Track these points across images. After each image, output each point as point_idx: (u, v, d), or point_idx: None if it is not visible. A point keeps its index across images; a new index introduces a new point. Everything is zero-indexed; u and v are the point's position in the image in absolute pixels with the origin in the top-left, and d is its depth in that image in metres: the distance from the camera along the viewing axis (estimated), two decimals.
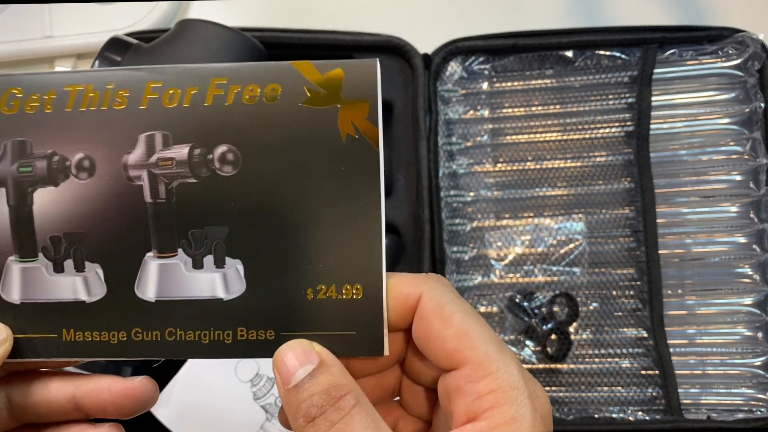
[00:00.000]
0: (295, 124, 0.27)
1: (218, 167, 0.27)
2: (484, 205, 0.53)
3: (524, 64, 0.53)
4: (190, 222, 0.27)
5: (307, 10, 0.59)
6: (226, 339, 0.27)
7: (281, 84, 0.27)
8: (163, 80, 0.27)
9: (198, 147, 0.27)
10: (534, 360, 0.51)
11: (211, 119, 0.27)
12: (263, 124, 0.27)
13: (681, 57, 0.53)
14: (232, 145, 0.27)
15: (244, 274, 0.27)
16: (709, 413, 0.50)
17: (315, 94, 0.27)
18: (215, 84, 0.27)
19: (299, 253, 0.27)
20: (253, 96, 0.27)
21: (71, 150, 0.27)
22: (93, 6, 0.55)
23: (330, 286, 0.27)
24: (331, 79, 0.27)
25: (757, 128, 0.51)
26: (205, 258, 0.28)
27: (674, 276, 0.51)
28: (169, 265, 0.27)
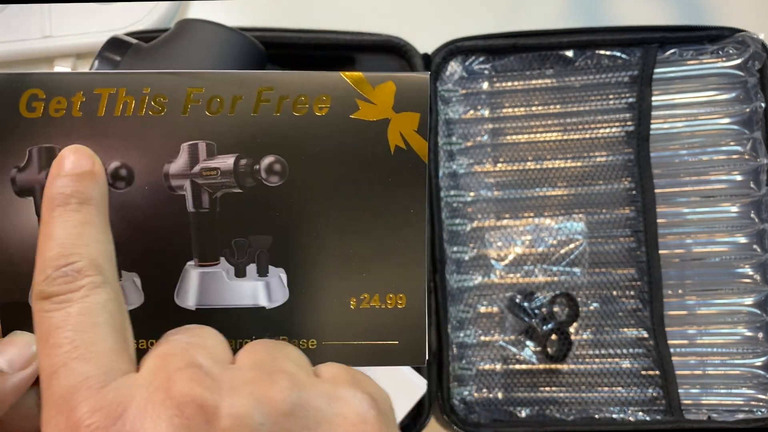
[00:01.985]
0: (344, 136, 0.26)
1: (265, 178, 0.26)
2: (484, 205, 0.53)
3: (524, 64, 0.53)
4: (234, 231, 0.27)
5: (307, 9, 0.59)
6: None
7: (332, 96, 0.26)
8: (205, 86, 0.26)
9: (244, 157, 0.26)
10: (534, 360, 0.51)
11: (257, 129, 0.26)
12: (312, 134, 0.26)
13: (681, 57, 0.53)
14: (280, 155, 0.26)
15: (287, 283, 0.27)
16: (710, 413, 0.50)
17: (366, 106, 0.26)
18: (262, 93, 0.26)
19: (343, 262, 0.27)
20: (302, 106, 0.26)
21: (105, 158, 0.26)
22: (93, 6, 0.55)
23: (373, 295, 0.27)
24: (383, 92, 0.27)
25: (758, 128, 0.51)
26: (248, 267, 0.27)
27: (675, 276, 0.51)
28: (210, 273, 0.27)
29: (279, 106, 0.26)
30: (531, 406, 0.51)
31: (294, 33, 0.51)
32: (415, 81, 0.27)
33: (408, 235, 0.27)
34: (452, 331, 0.51)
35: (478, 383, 0.51)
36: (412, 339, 0.27)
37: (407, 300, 0.27)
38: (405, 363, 0.27)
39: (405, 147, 0.27)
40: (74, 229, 0.23)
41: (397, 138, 0.27)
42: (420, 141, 0.27)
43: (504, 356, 0.51)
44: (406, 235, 0.27)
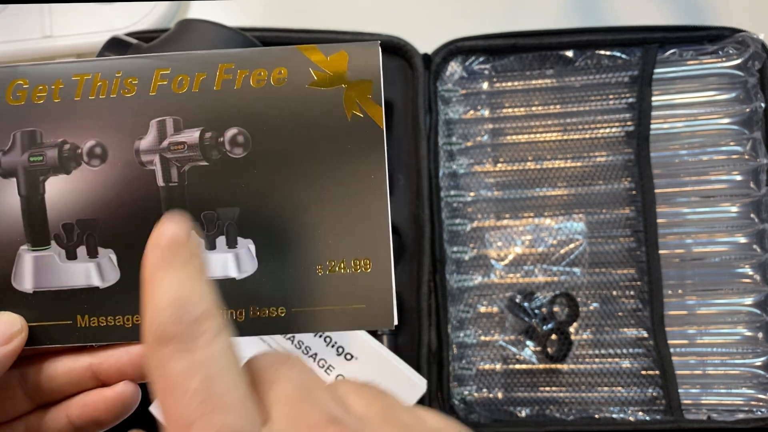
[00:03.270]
0: (302, 106, 0.27)
1: (229, 149, 0.27)
2: (484, 205, 0.53)
3: (524, 64, 0.53)
4: (202, 204, 0.28)
5: (307, 10, 0.59)
6: (238, 317, 0.28)
7: (288, 67, 0.27)
8: (171, 67, 0.27)
9: (209, 130, 0.27)
10: (534, 360, 0.51)
11: (220, 103, 0.27)
12: (271, 106, 0.27)
13: (681, 57, 0.53)
14: (242, 127, 0.27)
15: (256, 253, 0.28)
16: (710, 413, 0.50)
17: (321, 75, 0.28)
18: (224, 69, 0.27)
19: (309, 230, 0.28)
20: (260, 80, 0.27)
21: (82, 138, 0.27)
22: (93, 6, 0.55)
23: (339, 261, 0.28)
24: (336, 61, 0.28)
25: (758, 128, 0.51)
26: (218, 239, 0.28)
27: (674, 276, 0.51)
28: None
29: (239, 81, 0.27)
30: (531, 406, 0.51)
31: (294, 33, 0.51)
32: (366, 49, 0.29)
33: (370, 201, 0.28)
34: (452, 331, 0.51)
35: (478, 383, 0.51)
36: (379, 302, 0.28)
37: (372, 264, 0.28)
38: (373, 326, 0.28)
39: (362, 114, 0.28)
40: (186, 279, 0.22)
41: (354, 106, 0.28)
42: (375, 108, 0.28)
43: (504, 356, 0.51)
44: (368, 201, 0.28)
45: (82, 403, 0.28)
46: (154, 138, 0.28)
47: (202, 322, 0.21)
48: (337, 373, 0.44)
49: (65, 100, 0.27)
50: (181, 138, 0.28)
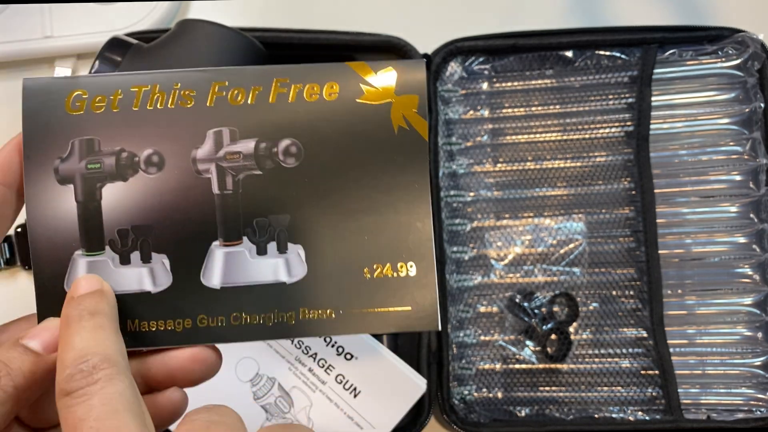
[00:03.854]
0: (352, 118, 0.29)
1: (282, 159, 0.29)
2: (484, 205, 0.53)
3: (524, 64, 0.53)
4: (255, 211, 0.29)
5: (307, 10, 0.59)
6: (289, 320, 0.29)
7: (339, 83, 0.29)
8: (228, 80, 0.29)
9: (263, 141, 0.29)
10: (534, 360, 0.51)
11: (275, 115, 0.29)
12: (323, 119, 0.29)
13: (681, 57, 0.53)
14: (295, 138, 0.29)
15: (306, 258, 0.29)
16: (709, 413, 0.50)
17: (370, 91, 0.29)
18: (278, 83, 0.29)
19: (357, 236, 0.29)
20: (313, 94, 0.29)
21: (140, 146, 0.28)
22: (93, 6, 0.55)
23: (386, 265, 0.29)
24: (385, 77, 0.30)
25: (757, 128, 0.51)
26: (269, 245, 0.29)
27: (674, 276, 0.51)
28: (234, 252, 0.29)
29: (293, 95, 0.29)
30: (531, 405, 0.51)
31: (294, 33, 0.51)
32: (413, 66, 0.30)
33: (414, 208, 0.29)
34: (452, 330, 0.51)
35: (478, 383, 0.51)
36: (424, 305, 0.29)
37: (417, 268, 0.29)
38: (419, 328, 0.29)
39: (407, 127, 0.29)
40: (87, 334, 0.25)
41: (400, 119, 0.29)
42: (420, 121, 0.29)
43: (504, 356, 0.52)
44: (412, 208, 0.29)
45: None
46: (210, 147, 0.29)
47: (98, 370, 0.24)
48: (338, 372, 0.44)
49: (123, 110, 0.28)
50: (236, 148, 0.29)
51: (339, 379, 0.44)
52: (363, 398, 0.44)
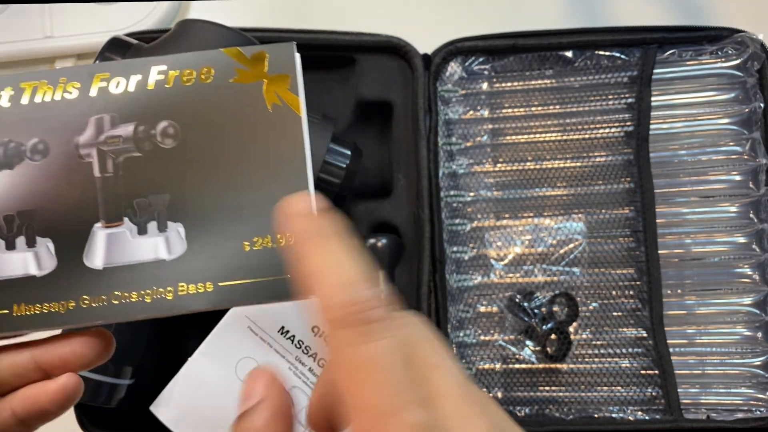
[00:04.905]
0: (227, 99, 0.30)
1: (160, 141, 0.30)
2: (484, 205, 0.53)
3: (524, 64, 0.53)
4: (136, 192, 0.30)
5: (307, 10, 0.59)
6: (167, 295, 0.29)
7: (214, 67, 0.31)
8: (109, 71, 0.30)
9: (142, 124, 0.30)
10: (534, 360, 0.51)
11: (153, 100, 0.30)
12: (199, 100, 0.30)
13: (681, 57, 0.53)
14: (173, 120, 0.30)
15: (186, 236, 0.30)
16: (709, 413, 0.50)
17: (243, 72, 0.31)
18: (156, 71, 0.31)
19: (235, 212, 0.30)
20: (189, 78, 0.30)
21: (27, 136, 0.30)
22: (93, 6, 0.55)
23: (266, 237, 0.30)
24: (257, 59, 0.31)
25: (757, 128, 0.51)
26: (150, 224, 0.30)
27: (674, 276, 0.51)
28: (115, 233, 0.30)
29: (171, 80, 0.30)
30: (530, 405, 0.51)
31: (294, 33, 0.51)
32: (283, 48, 0.31)
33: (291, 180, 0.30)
34: (452, 330, 0.51)
35: (478, 382, 0.51)
36: None
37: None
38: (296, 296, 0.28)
39: (281, 103, 0.30)
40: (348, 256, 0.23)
41: (273, 97, 0.31)
42: (293, 97, 0.31)
43: (503, 356, 0.52)
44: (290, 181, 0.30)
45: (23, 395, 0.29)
46: (92, 133, 0.30)
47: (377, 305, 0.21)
48: None
49: (14, 104, 0.30)
50: (116, 132, 0.30)
51: None
52: None
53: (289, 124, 0.30)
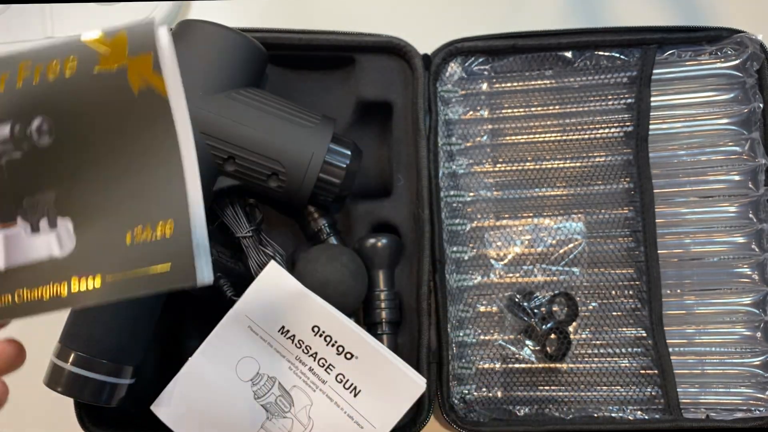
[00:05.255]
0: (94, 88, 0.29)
1: (37, 138, 0.30)
2: (483, 205, 0.53)
3: (524, 64, 0.54)
4: (24, 191, 0.30)
5: (308, 11, 0.59)
6: (61, 292, 0.29)
7: (77, 56, 0.29)
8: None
9: (16, 124, 0.30)
10: (533, 359, 0.51)
11: (25, 99, 0.30)
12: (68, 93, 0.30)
13: (680, 57, 0.53)
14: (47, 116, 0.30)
15: (74, 230, 0.30)
16: (708, 412, 0.50)
17: (105, 57, 0.29)
18: (23, 67, 0.30)
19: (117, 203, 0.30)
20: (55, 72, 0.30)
21: None
22: (94, 7, 0.55)
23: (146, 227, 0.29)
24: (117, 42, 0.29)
25: (756, 128, 0.51)
26: (42, 222, 0.30)
27: (673, 276, 0.52)
28: (10, 234, 0.31)
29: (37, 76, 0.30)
30: (530, 404, 0.51)
31: (295, 34, 0.51)
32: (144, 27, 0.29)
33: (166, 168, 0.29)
34: (452, 330, 0.51)
35: (478, 382, 0.51)
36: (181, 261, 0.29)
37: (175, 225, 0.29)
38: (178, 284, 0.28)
39: (147, 87, 0.29)
40: None
41: (139, 80, 0.29)
42: (158, 78, 0.29)
43: (503, 355, 0.52)
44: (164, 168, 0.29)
45: None
46: None
47: None
48: (338, 372, 0.44)
49: None
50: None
51: (339, 378, 0.44)
52: (363, 397, 0.44)
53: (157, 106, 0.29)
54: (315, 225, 0.51)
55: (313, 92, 0.55)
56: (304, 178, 0.46)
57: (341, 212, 0.54)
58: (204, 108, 0.45)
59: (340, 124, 0.53)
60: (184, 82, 0.47)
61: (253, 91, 0.47)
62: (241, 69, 0.47)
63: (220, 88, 0.45)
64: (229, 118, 0.45)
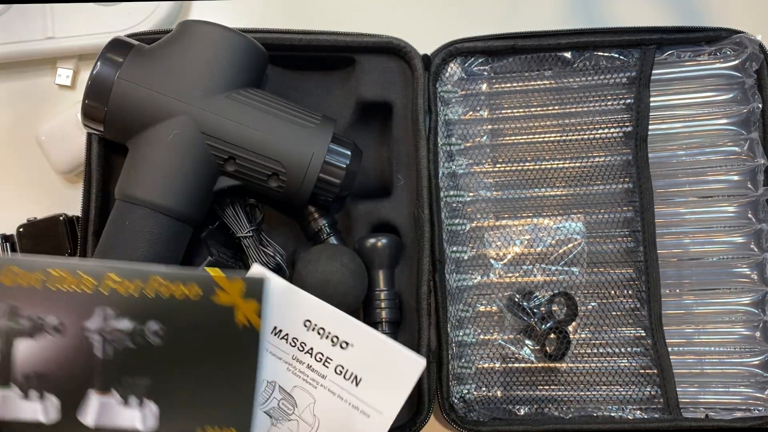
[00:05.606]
0: (207, 313, 0.39)
1: (149, 337, 0.39)
2: (483, 205, 0.53)
3: (523, 65, 0.54)
4: (125, 372, 0.39)
5: (308, 11, 0.59)
6: None
7: (201, 286, 0.39)
8: (119, 275, 0.39)
9: (137, 322, 0.39)
10: (533, 359, 0.51)
11: (150, 303, 0.39)
12: (185, 311, 0.39)
13: (679, 58, 0.53)
14: (162, 324, 0.39)
15: (159, 415, 0.39)
16: (707, 412, 0.50)
17: (222, 294, 0.39)
18: (155, 280, 0.39)
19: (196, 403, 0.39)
20: (180, 291, 0.39)
21: (48, 315, 0.38)
22: (95, 7, 0.56)
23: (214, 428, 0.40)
24: (234, 285, 0.40)
25: (755, 129, 0.51)
26: (131, 399, 0.39)
27: (672, 275, 0.52)
28: (105, 402, 0.39)
29: (165, 290, 0.39)
30: (530, 404, 0.51)
31: (295, 34, 0.51)
32: (256, 281, 0.40)
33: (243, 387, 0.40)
34: (452, 329, 0.52)
35: (478, 382, 0.52)
36: None
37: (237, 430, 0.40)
38: None
39: (248, 324, 0.40)
40: None
41: (243, 318, 0.40)
42: (257, 320, 0.40)
43: (503, 355, 0.52)
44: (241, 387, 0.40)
45: None
46: (99, 322, 0.39)
47: None
48: (336, 363, 0.44)
49: (43, 287, 0.38)
50: (117, 325, 0.39)
51: (338, 369, 0.44)
52: (365, 385, 0.44)
53: (250, 340, 0.39)
54: (315, 225, 0.51)
55: (313, 92, 0.55)
56: (305, 179, 0.46)
57: (341, 212, 0.54)
58: (204, 108, 0.45)
59: (341, 125, 0.53)
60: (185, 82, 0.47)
61: (253, 92, 0.47)
62: (242, 69, 0.47)
63: (220, 89, 0.46)
64: (229, 119, 0.45)
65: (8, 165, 0.56)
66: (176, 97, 0.45)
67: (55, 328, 0.39)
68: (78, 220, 0.52)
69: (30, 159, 0.56)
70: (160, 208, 0.44)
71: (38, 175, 0.56)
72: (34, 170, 0.56)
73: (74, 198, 0.53)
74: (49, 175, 0.56)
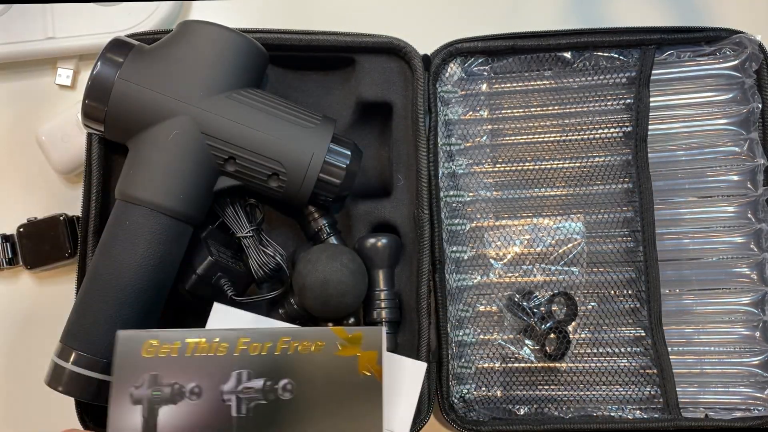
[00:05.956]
0: (332, 366, 0.42)
1: (281, 394, 0.41)
2: (483, 205, 0.53)
3: (523, 65, 0.54)
4: (259, 428, 0.41)
5: (308, 11, 0.59)
6: None
7: (324, 341, 0.42)
8: (250, 337, 0.41)
9: (269, 380, 0.41)
10: (533, 359, 0.51)
11: (280, 362, 0.41)
12: (311, 365, 0.41)
13: (679, 58, 0.53)
14: (292, 379, 0.41)
15: None
16: (707, 412, 0.50)
17: (344, 347, 0.42)
18: (283, 340, 0.42)
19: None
20: (306, 348, 0.42)
21: (187, 381, 0.41)
22: (95, 7, 0.56)
23: None
24: (354, 338, 0.42)
25: (755, 129, 0.51)
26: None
27: (672, 275, 0.52)
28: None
29: (292, 348, 0.42)
30: (530, 404, 0.51)
31: (295, 35, 0.51)
32: (373, 331, 0.42)
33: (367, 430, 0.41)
34: (451, 329, 0.52)
35: (478, 381, 0.52)
36: None
37: None
38: None
39: (369, 373, 0.42)
40: None
41: (365, 368, 0.42)
42: (378, 369, 0.42)
43: (503, 355, 0.52)
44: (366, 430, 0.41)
45: None
46: (233, 383, 0.41)
47: None
48: None
49: (180, 355, 0.41)
50: (251, 384, 0.41)
51: None
52: None
53: (373, 388, 0.41)
54: (315, 225, 0.52)
55: (314, 93, 0.55)
56: (305, 179, 0.46)
57: (341, 212, 0.54)
58: (204, 108, 0.45)
59: (341, 125, 0.53)
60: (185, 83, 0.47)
61: (253, 92, 0.47)
62: (242, 69, 0.47)
63: (220, 89, 0.46)
64: (229, 119, 0.45)
65: (8, 165, 0.57)
66: (176, 97, 0.45)
67: (193, 392, 0.41)
68: (78, 220, 0.52)
69: (30, 159, 0.56)
70: (160, 207, 0.45)
71: (38, 175, 0.56)
72: (34, 170, 0.56)
73: (74, 198, 0.53)
74: (49, 175, 0.56)
